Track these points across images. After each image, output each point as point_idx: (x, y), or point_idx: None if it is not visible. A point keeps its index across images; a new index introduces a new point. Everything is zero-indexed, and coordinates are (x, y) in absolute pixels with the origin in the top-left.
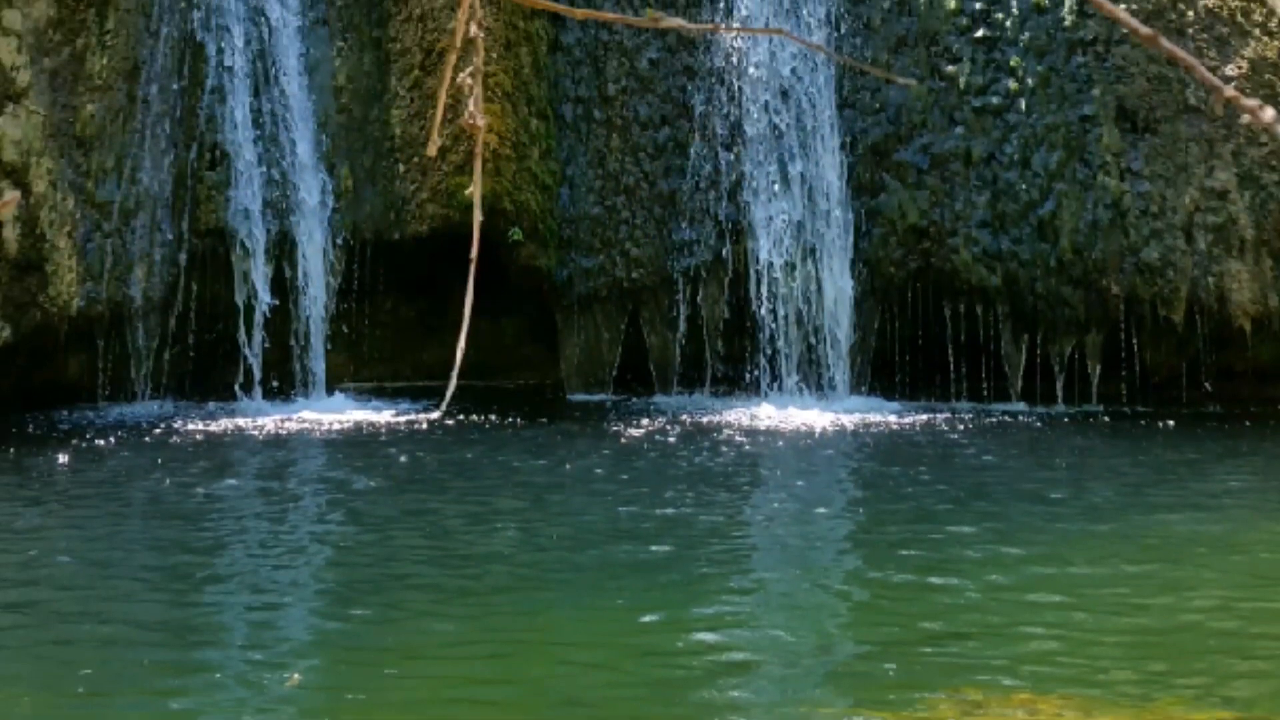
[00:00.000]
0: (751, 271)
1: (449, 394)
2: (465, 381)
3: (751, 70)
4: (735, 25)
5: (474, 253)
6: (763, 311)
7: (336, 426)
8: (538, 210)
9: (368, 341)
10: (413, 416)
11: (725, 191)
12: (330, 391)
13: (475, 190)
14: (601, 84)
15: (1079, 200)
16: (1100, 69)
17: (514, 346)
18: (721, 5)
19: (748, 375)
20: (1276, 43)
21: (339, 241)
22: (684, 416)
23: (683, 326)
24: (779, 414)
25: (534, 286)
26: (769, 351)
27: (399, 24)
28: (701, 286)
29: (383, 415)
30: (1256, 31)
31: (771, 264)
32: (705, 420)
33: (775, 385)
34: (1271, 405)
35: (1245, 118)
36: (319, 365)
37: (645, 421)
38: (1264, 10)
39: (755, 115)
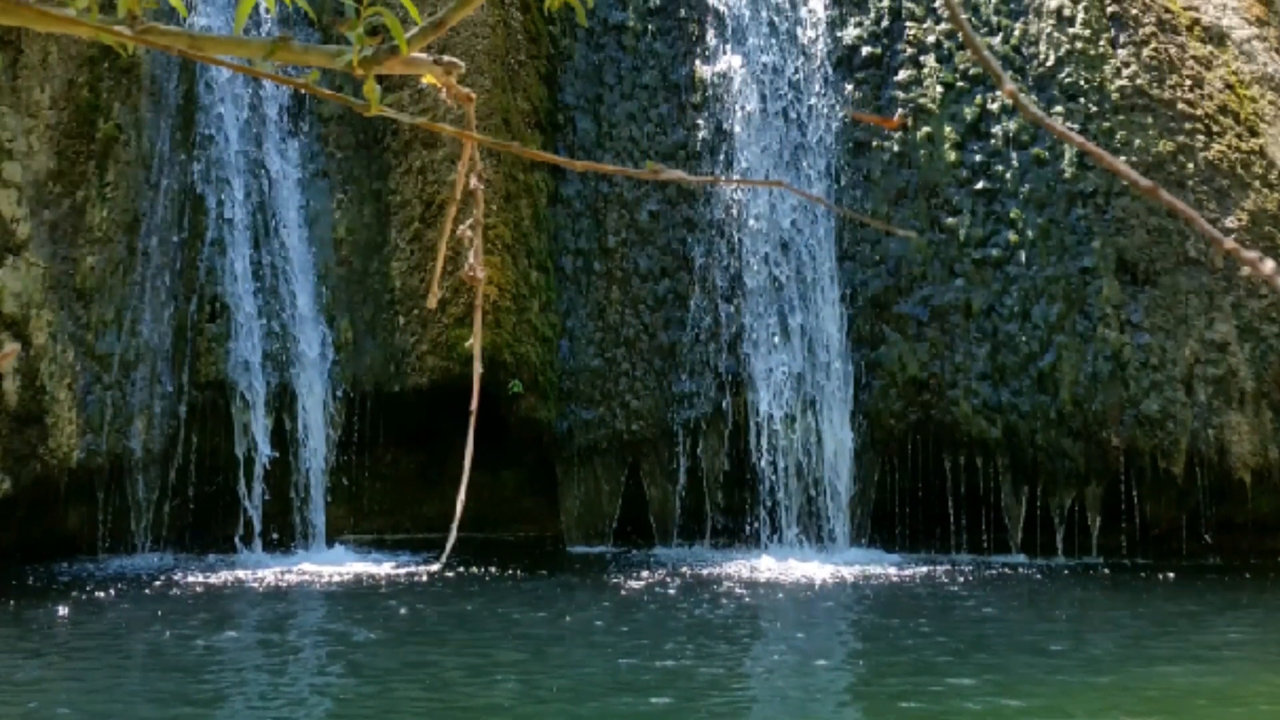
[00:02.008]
0: (751, 424)
1: (449, 546)
2: (465, 534)
3: (751, 222)
4: (735, 177)
5: (474, 405)
6: (763, 463)
7: (336, 579)
8: (538, 363)
9: (368, 494)
10: (413, 569)
11: (725, 344)
12: (330, 544)
13: (475, 343)
14: (601, 236)
15: (1079, 352)
16: (1100, 221)
17: (514, 499)
18: (721, 157)
19: (748, 527)
20: (1276, 195)
21: (339, 394)
22: (684, 568)
23: (683, 478)
24: (779, 566)
25: (534, 438)
26: (769, 503)
27: (399, 176)
28: (701, 438)
29: (383, 567)
30: (1256, 184)
31: (771, 416)
32: (705, 572)
33: (775, 537)
34: (1272, 557)
35: (1245, 270)
36: (319, 518)
37: (645, 573)
38: (1264, 163)
39: (755, 267)
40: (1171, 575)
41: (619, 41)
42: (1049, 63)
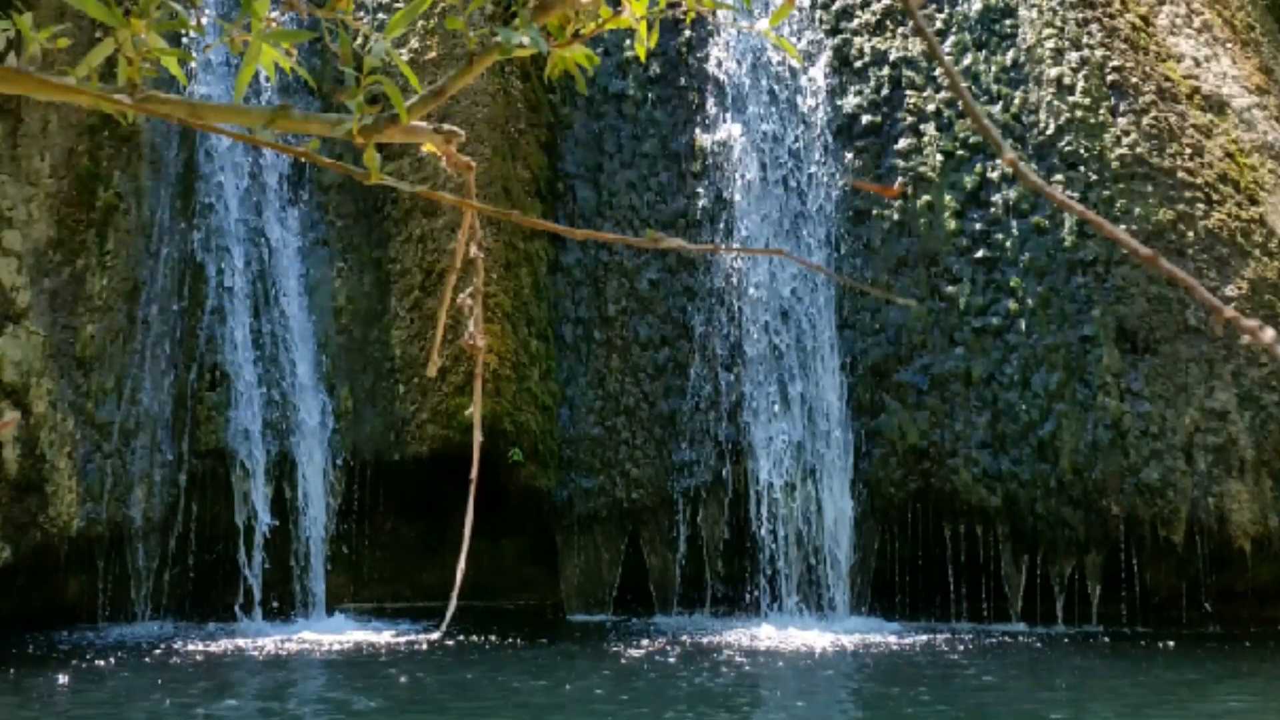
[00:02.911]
0: (751, 492)
1: (449, 614)
2: (465, 602)
3: (751, 291)
4: (735, 246)
5: (474, 474)
6: (763, 532)
7: (337, 647)
8: (538, 431)
9: (368, 562)
10: (413, 637)
11: (725, 412)
12: (330, 612)
13: (475, 411)
14: (601, 305)
15: (1079, 421)
16: (1100, 289)
17: (514, 567)
18: (721, 226)
19: (748, 595)
20: (1276, 263)
21: (339, 462)
22: (684, 636)
23: (683, 547)
24: (779, 634)
25: (534, 507)
26: (769, 572)
27: (399, 245)
28: (701, 507)
29: (383, 636)
30: (1256, 252)
31: (771, 484)
32: (705, 640)
33: (775, 605)
34: (1272, 626)
35: (1245, 338)
36: (319, 586)
37: (645, 641)
38: (1264, 231)
39: (755, 336)
40: (1172, 644)
41: (619, 110)
42: (1049, 131)
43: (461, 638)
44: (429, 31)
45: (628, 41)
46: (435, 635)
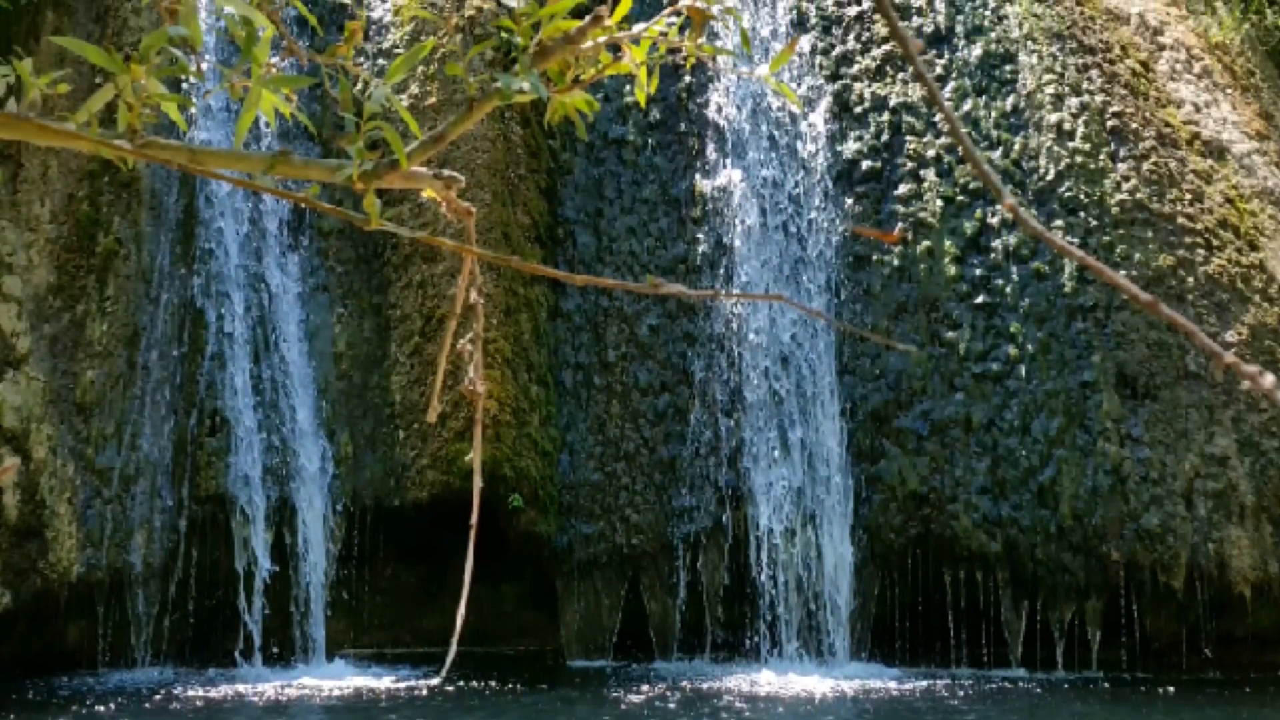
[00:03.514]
0: (751, 538)
1: (449, 660)
2: (465, 648)
3: (751, 336)
4: (735, 291)
5: (474, 519)
6: (763, 578)
7: (336, 693)
8: (537, 477)
9: (368, 608)
10: (413, 683)
11: (725, 458)
12: (330, 658)
13: (475, 457)
14: (601, 350)
15: (1079, 466)
16: (1100, 335)
17: (514, 613)
18: (721, 271)
19: (748, 641)
20: (1276, 309)
21: (339, 508)
22: (684, 682)
23: (683, 592)
24: (779, 680)
25: (534, 552)
26: (769, 617)
27: (399, 290)
28: (701, 552)
29: (383, 682)
30: (1256, 298)
31: (771, 530)
32: (705, 686)
33: (775, 651)
34: (1272, 671)
35: (1245, 384)
36: (319, 632)
37: (645, 687)
38: (1264, 277)
39: (755, 381)
40: (1172, 689)
41: (619, 156)
42: (1049, 177)
43: (461, 683)
44: (429, 77)
45: (627, 87)
46: (435, 681)
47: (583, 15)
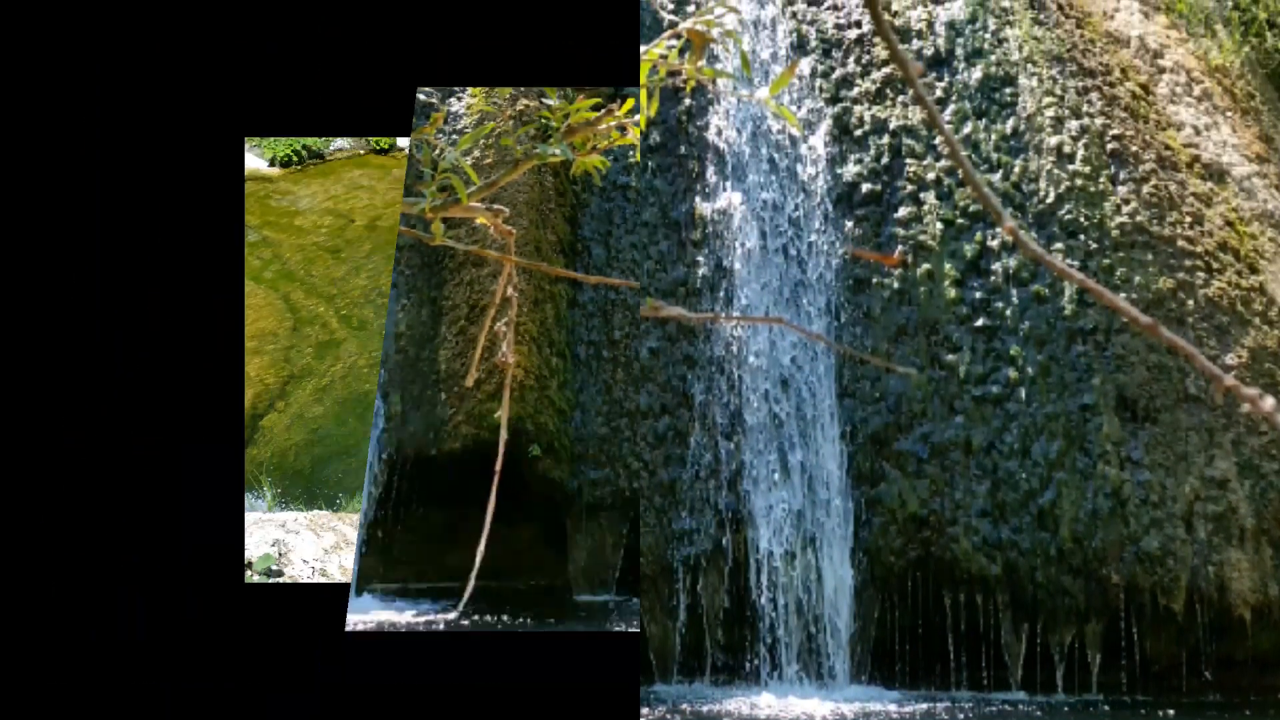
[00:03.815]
0: (751, 561)
1: (466, 595)
2: (482, 582)
3: (751, 359)
4: (735, 314)
5: (498, 465)
6: (762, 600)
7: (360, 626)
8: (554, 430)
9: (398, 545)
10: (431, 616)
11: (725, 481)
12: (359, 593)
13: (504, 413)
14: (609, 331)
15: (1079, 489)
16: (1100, 358)
17: (527, 550)
18: (721, 294)
19: (747, 664)
20: (1276, 332)
21: (384, 457)
22: (684, 705)
23: (682, 615)
24: (779, 703)
25: (549, 496)
26: (769, 640)
27: (452, 286)
28: (701, 576)
29: (404, 615)
30: (1256, 321)
31: (771, 553)
32: (705, 709)
33: (775, 674)
34: (1272, 695)
35: (1245, 406)
36: (353, 567)
37: (645, 710)
38: (1264, 300)
39: (755, 404)
40: (1172, 712)
41: (624, 195)
42: (1049, 199)
43: (476, 617)
44: (488, 146)
45: (630, 152)
46: (452, 615)
47: (599, 109)
